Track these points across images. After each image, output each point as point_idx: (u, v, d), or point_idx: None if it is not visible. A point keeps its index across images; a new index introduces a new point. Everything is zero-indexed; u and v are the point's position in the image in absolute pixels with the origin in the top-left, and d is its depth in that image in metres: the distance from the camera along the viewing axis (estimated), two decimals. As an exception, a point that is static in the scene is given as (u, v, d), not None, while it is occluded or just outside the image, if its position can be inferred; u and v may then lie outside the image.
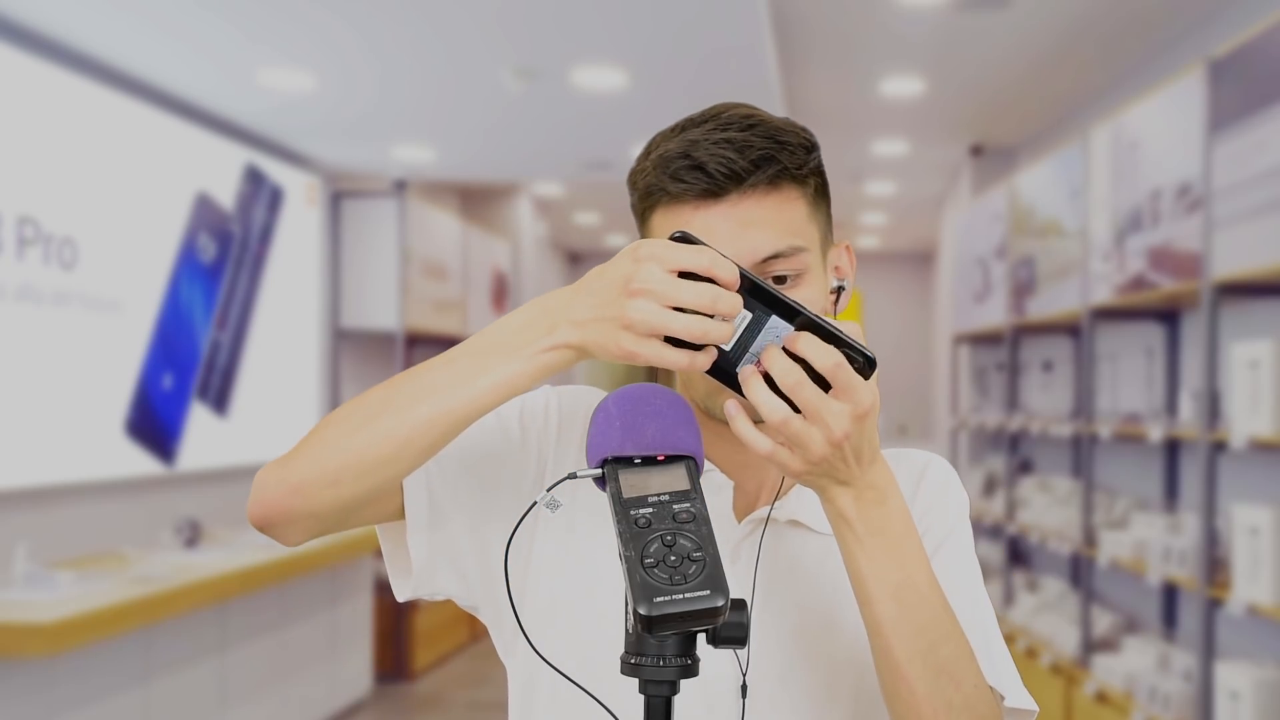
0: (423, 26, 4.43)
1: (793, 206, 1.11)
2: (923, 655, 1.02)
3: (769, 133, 1.10)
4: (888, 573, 1.01)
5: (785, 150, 1.10)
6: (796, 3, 4.84)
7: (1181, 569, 4.23)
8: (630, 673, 0.90)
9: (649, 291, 0.92)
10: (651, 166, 1.11)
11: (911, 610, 1.02)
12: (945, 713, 1.02)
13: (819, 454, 0.95)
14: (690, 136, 1.10)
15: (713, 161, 1.07)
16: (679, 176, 1.08)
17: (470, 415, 1.01)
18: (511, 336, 0.99)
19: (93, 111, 4.74)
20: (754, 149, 1.08)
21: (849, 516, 1.00)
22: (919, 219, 10.08)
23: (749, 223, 1.08)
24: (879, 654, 1.03)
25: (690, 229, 1.05)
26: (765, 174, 1.08)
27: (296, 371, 6.50)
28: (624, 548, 0.87)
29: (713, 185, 1.07)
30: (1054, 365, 6.46)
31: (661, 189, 1.10)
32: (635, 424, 0.95)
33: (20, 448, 4.32)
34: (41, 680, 3.76)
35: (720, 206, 1.08)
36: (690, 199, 1.08)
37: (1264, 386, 3.67)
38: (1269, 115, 3.67)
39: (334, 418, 1.05)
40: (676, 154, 1.09)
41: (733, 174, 1.07)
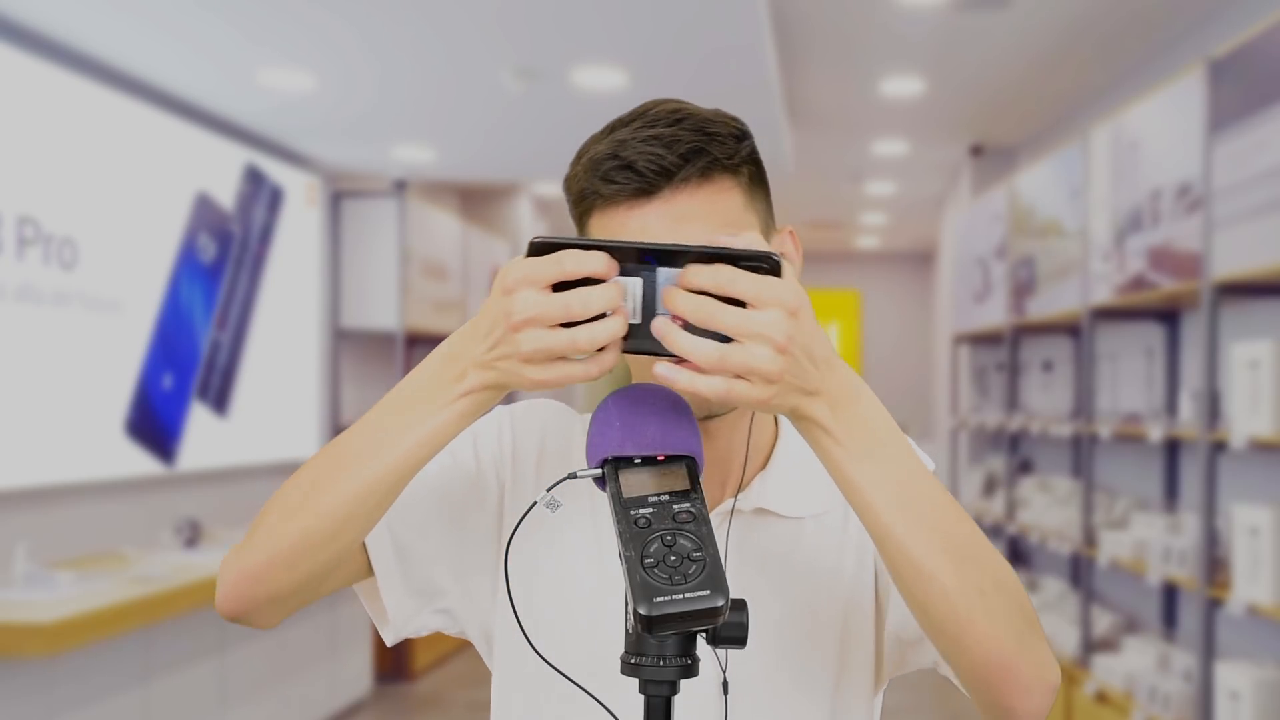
0: (423, 26, 4.43)
1: (727, 197, 1.11)
2: (941, 548, 0.96)
3: (697, 125, 1.09)
4: (883, 473, 0.96)
5: (714, 141, 1.10)
6: (796, 3, 4.84)
7: (1181, 569, 4.23)
8: (630, 673, 0.90)
9: (530, 320, 0.91)
10: (583, 171, 1.11)
11: (917, 505, 0.96)
12: (979, 598, 0.96)
13: (773, 369, 0.89)
14: (618, 137, 1.09)
15: (642, 160, 1.07)
16: (610, 178, 1.08)
17: (405, 474, 1.01)
18: (424, 389, 0.99)
19: (93, 111, 4.74)
20: (682, 143, 1.08)
21: (828, 426, 0.94)
22: (919, 219, 10.08)
23: (684, 217, 1.08)
24: (896, 562, 0.97)
25: (626, 229, 1.07)
26: (696, 167, 1.08)
27: (296, 371, 6.50)
28: (624, 548, 0.87)
29: (644, 183, 1.07)
30: (1054, 365, 6.46)
31: (594, 192, 1.09)
32: (635, 424, 0.95)
33: (20, 448, 4.32)
34: (41, 680, 3.76)
35: (654, 204, 1.08)
36: (623, 199, 1.08)
37: (1264, 386, 3.67)
38: (1269, 115, 3.67)
39: (277, 498, 1.05)
40: (606, 155, 1.09)
41: (663, 170, 1.07)
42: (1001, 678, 0.97)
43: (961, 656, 0.98)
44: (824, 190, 8.96)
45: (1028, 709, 0.99)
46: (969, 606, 0.96)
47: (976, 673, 0.98)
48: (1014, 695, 0.98)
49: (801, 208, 9.75)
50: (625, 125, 1.11)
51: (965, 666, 0.99)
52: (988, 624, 0.96)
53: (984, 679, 0.98)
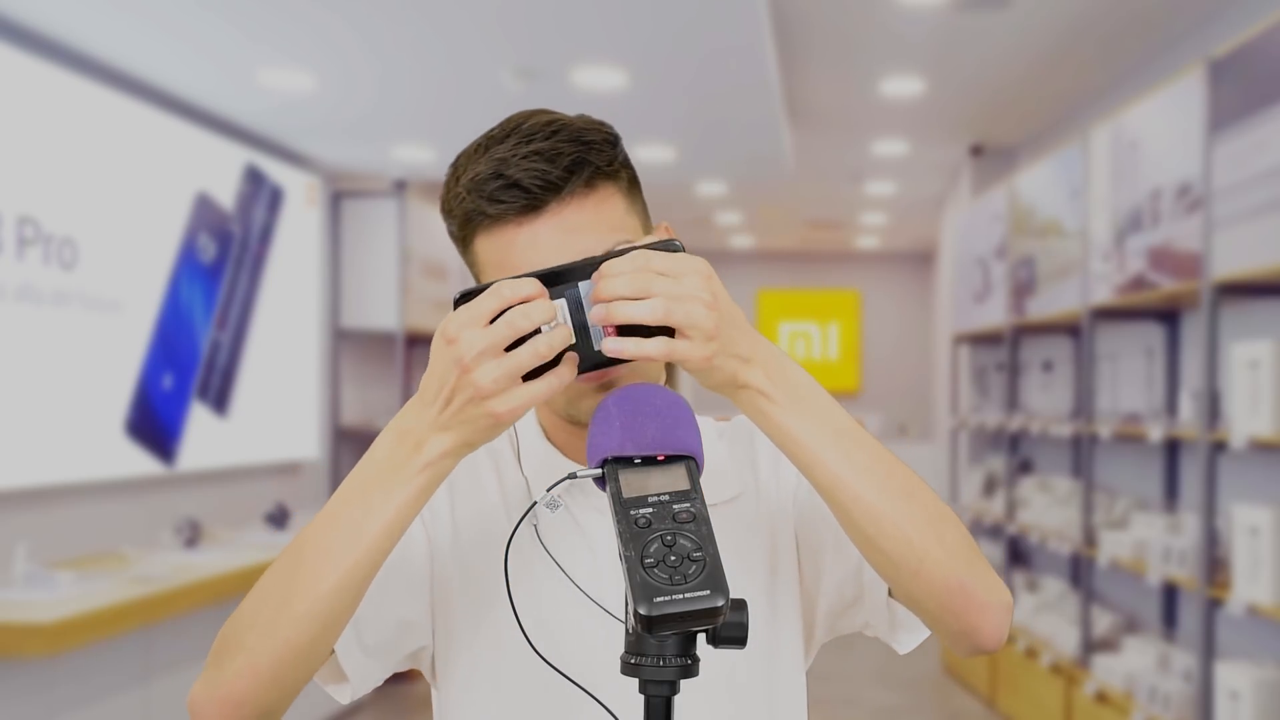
0: (423, 26, 4.43)
1: (611, 204, 1.12)
2: (888, 487, 1.02)
3: (573, 136, 1.10)
4: (822, 427, 1.01)
5: (593, 150, 1.10)
6: (796, 3, 4.84)
7: (1181, 569, 4.23)
8: (630, 673, 0.90)
9: (480, 353, 0.93)
10: (465, 191, 1.11)
11: (858, 452, 1.02)
12: (930, 529, 1.02)
13: (709, 324, 0.94)
14: (498, 155, 1.10)
15: (527, 177, 1.08)
16: (496, 197, 1.09)
17: (376, 561, 1.00)
18: (382, 470, 0.99)
19: (93, 111, 4.74)
20: (564, 156, 1.08)
21: (766, 389, 0.99)
22: (919, 219, 10.08)
23: (574, 229, 1.09)
24: (849, 508, 1.01)
25: (515, 245, 1.08)
26: (580, 178, 1.09)
27: (296, 371, 6.50)
28: (624, 548, 0.87)
29: (531, 200, 1.08)
30: (1054, 365, 6.46)
31: (480, 212, 1.10)
32: (635, 424, 0.95)
33: (20, 448, 4.32)
34: (41, 680, 3.76)
35: (542, 219, 1.09)
36: (511, 217, 1.09)
37: (1264, 386, 3.67)
38: (1269, 115, 3.67)
39: (245, 617, 1.03)
40: (489, 175, 1.09)
41: (549, 185, 1.08)
42: (963, 601, 1.04)
43: (922, 586, 1.03)
44: (824, 190, 8.96)
45: (989, 625, 1.06)
46: (923, 538, 1.01)
47: (939, 600, 1.04)
48: (975, 614, 1.05)
49: (801, 208, 9.76)
50: (500, 142, 1.11)
51: (927, 596, 1.04)
52: (942, 551, 1.02)
53: (946, 605, 1.04)
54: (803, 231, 11.07)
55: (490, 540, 1.15)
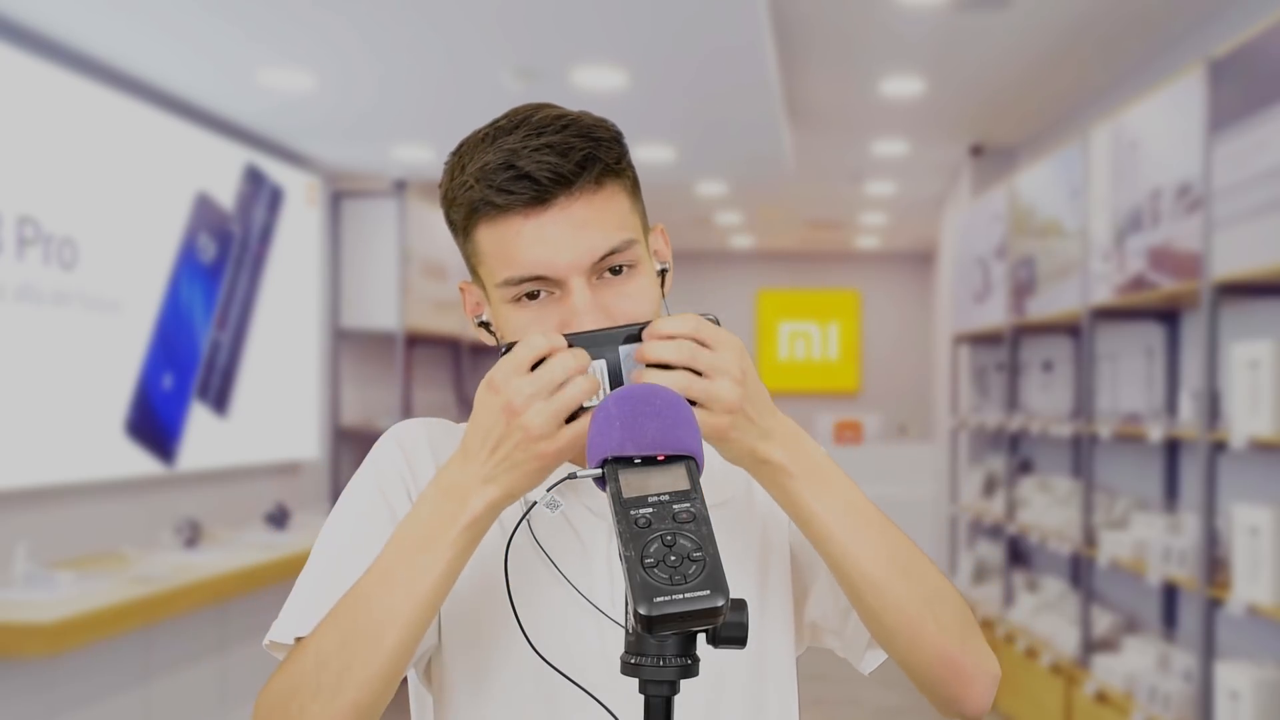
0: (423, 26, 4.43)
1: (617, 201, 1.13)
2: (892, 564, 1.07)
3: (584, 131, 1.11)
4: (835, 503, 1.06)
5: (602, 147, 1.11)
6: (796, 3, 4.84)
7: (1181, 569, 4.23)
8: (630, 673, 0.90)
9: (529, 396, 0.97)
10: (473, 180, 1.11)
11: (867, 528, 1.07)
12: (926, 607, 1.08)
13: (733, 398, 1.00)
14: (508, 145, 1.10)
15: (539, 169, 1.08)
16: (506, 188, 1.09)
17: (429, 617, 1.03)
18: (428, 530, 1.01)
19: (93, 111, 4.74)
20: (576, 150, 1.09)
21: (785, 464, 1.04)
22: (919, 219, 10.07)
23: (581, 224, 1.09)
24: (854, 580, 1.07)
25: (520, 237, 1.09)
26: (591, 174, 1.10)
27: (296, 371, 6.50)
28: (624, 548, 0.87)
29: (541, 193, 1.08)
30: (1054, 365, 6.46)
31: (487, 202, 1.10)
32: (635, 424, 0.95)
33: (20, 448, 4.32)
34: (41, 680, 3.76)
35: (550, 212, 1.09)
36: (518, 208, 1.09)
37: (1264, 386, 3.67)
38: (1269, 115, 3.67)
39: (303, 687, 1.03)
40: (499, 165, 1.09)
41: (560, 178, 1.08)
42: (951, 673, 1.10)
43: (915, 657, 1.10)
44: (824, 190, 8.96)
45: (974, 696, 1.12)
46: (920, 615, 1.08)
47: (929, 671, 1.11)
48: (962, 686, 1.12)
49: (801, 208, 9.75)
50: (509, 133, 1.11)
51: (918, 665, 1.11)
52: (936, 627, 1.09)
53: (936, 676, 1.11)
54: (803, 231, 11.07)
55: (489, 542, 1.15)
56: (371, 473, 1.19)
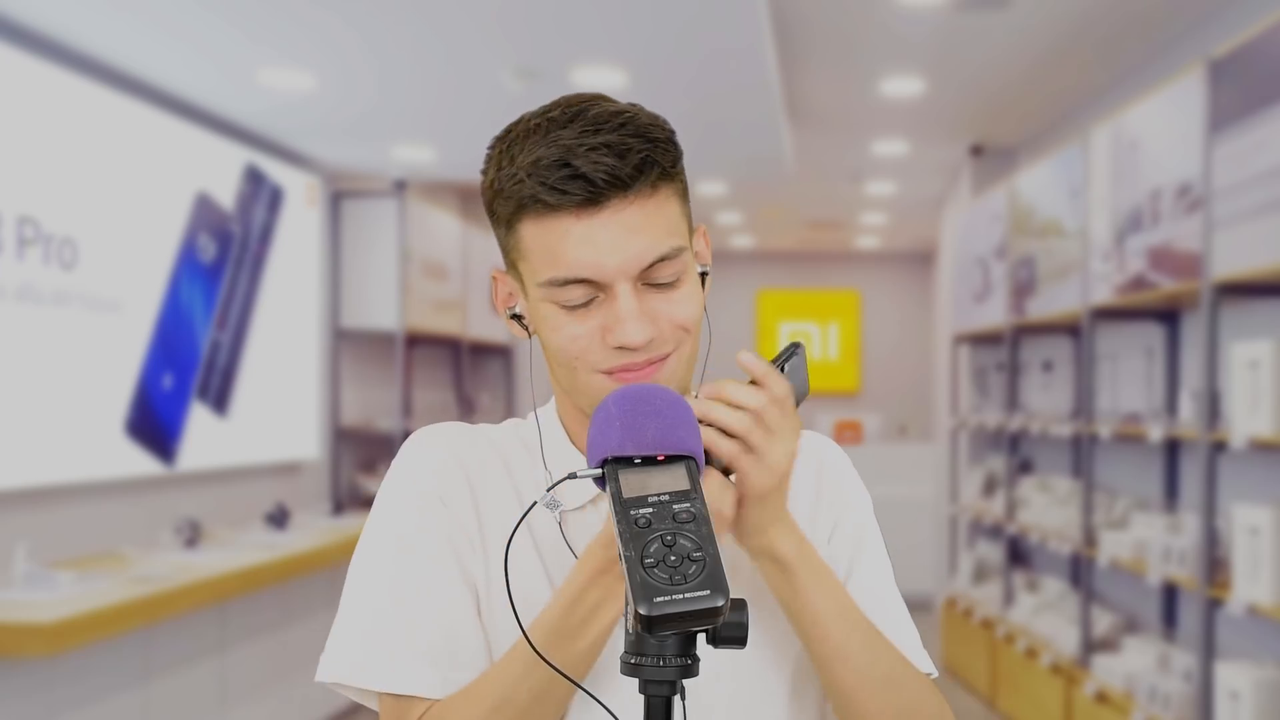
0: (423, 26, 4.43)
1: (670, 206, 1.09)
2: (871, 671, 1.09)
3: (640, 131, 1.07)
4: (830, 604, 1.07)
5: (659, 149, 1.07)
6: (796, 3, 4.84)
7: (1181, 569, 4.23)
8: (630, 673, 0.90)
9: None
10: (525, 174, 1.06)
11: (854, 633, 1.08)
12: (902, 716, 1.10)
13: (780, 466, 1.01)
14: (563, 140, 1.05)
15: (596, 170, 1.04)
16: (559, 187, 1.04)
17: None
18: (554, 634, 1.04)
19: (93, 111, 4.74)
20: (634, 152, 1.05)
21: (793, 559, 1.05)
22: (919, 219, 10.07)
23: (633, 229, 1.06)
24: (836, 682, 1.08)
25: (569, 238, 1.05)
26: (648, 179, 1.06)
27: (296, 371, 6.50)
28: (624, 548, 0.86)
29: (595, 194, 1.04)
30: (1054, 365, 6.46)
31: (537, 199, 1.06)
32: (635, 424, 0.95)
33: (20, 448, 4.32)
34: (41, 680, 3.76)
35: (602, 214, 1.05)
36: (570, 208, 1.05)
37: (1264, 386, 3.67)
38: (1269, 115, 3.67)
39: None
40: (554, 161, 1.05)
41: (617, 181, 1.04)
42: None
43: None
44: (824, 190, 8.96)
45: None
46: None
47: None
48: None
49: (801, 208, 9.75)
50: (563, 127, 1.07)
51: None
52: None
53: None
54: (803, 231, 11.06)
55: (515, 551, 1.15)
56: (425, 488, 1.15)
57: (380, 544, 1.15)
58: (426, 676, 1.08)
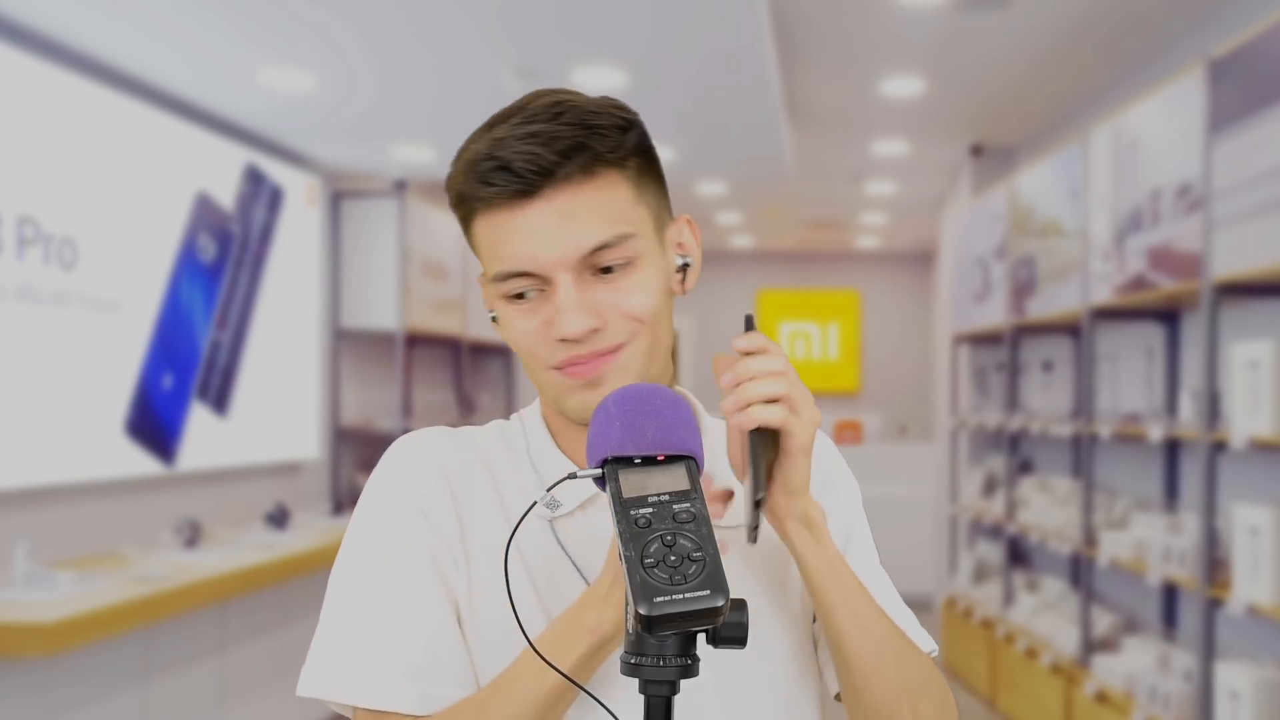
0: (423, 26, 4.43)
1: (614, 193, 1.07)
2: (888, 644, 1.07)
3: (578, 119, 1.05)
4: (848, 580, 1.06)
5: (596, 135, 1.05)
6: (796, 3, 4.84)
7: (1181, 569, 4.23)
8: (630, 673, 0.90)
9: None
10: (460, 172, 1.08)
11: (871, 604, 1.07)
12: (907, 694, 1.07)
13: (816, 416, 1.03)
14: (496, 134, 1.06)
15: (519, 160, 1.03)
16: (488, 180, 1.05)
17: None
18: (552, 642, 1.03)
19: (93, 111, 4.74)
20: (562, 139, 1.03)
21: (819, 520, 1.05)
22: (919, 219, 10.07)
23: (568, 216, 1.04)
24: (853, 655, 1.06)
25: (507, 230, 1.05)
26: (576, 164, 1.04)
27: (296, 371, 6.50)
28: (624, 548, 0.86)
29: (524, 184, 1.04)
30: (1054, 365, 6.46)
31: (472, 194, 1.07)
32: (635, 423, 0.95)
33: (20, 448, 4.32)
34: (41, 680, 3.76)
35: (536, 204, 1.04)
36: (504, 201, 1.05)
37: (1264, 386, 3.67)
38: (1269, 115, 3.67)
39: None
40: (483, 155, 1.05)
41: (542, 170, 1.03)
42: None
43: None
44: (824, 190, 8.96)
45: None
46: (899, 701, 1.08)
47: None
48: None
49: (801, 208, 9.75)
50: (504, 121, 1.07)
51: None
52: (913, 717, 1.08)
53: None
54: (803, 231, 11.06)
55: (496, 547, 1.13)
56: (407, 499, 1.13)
57: (360, 556, 1.12)
58: (404, 691, 1.06)
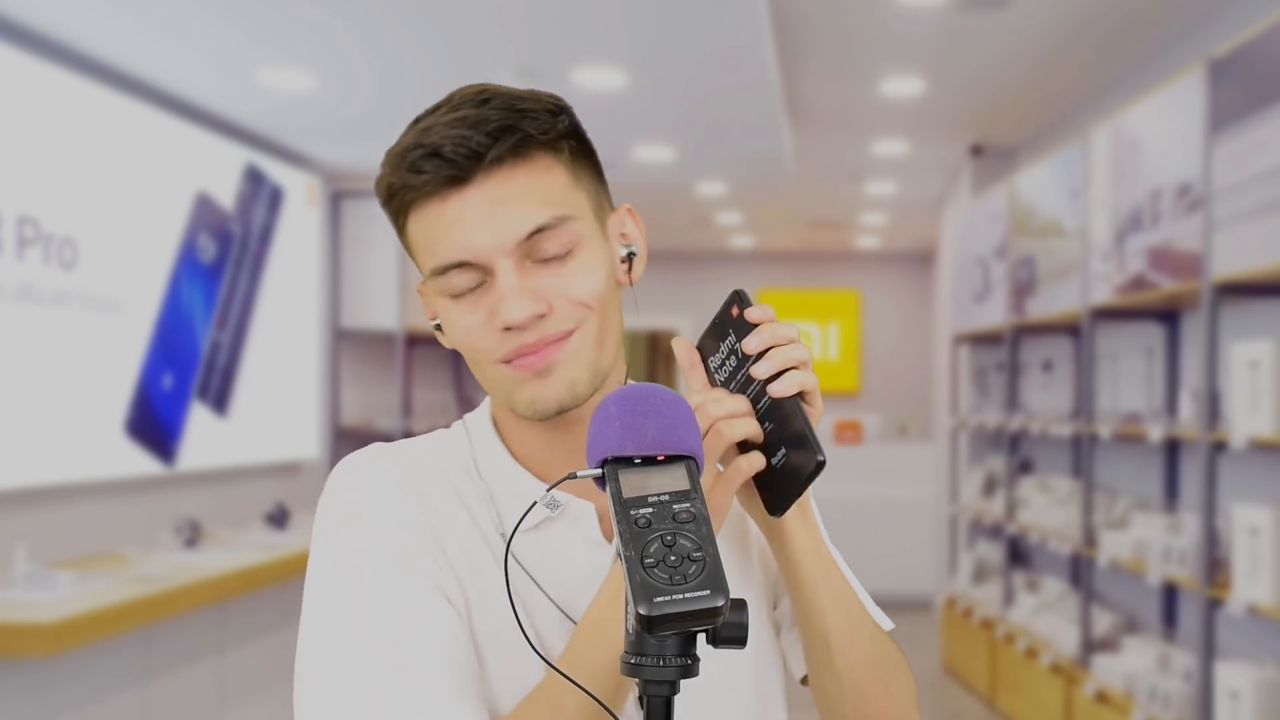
0: (423, 26, 4.43)
1: (549, 176, 1.04)
2: (864, 623, 1.08)
3: (506, 103, 1.03)
4: (827, 562, 1.07)
5: (526, 118, 1.03)
6: (796, 3, 4.84)
7: (1181, 569, 4.23)
8: (630, 673, 0.90)
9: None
10: (390, 167, 1.04)
11: (844, 588, 1.08)
12: (883, 671, 1.08)
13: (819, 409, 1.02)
14: (423, 125, 1.04)
15: (448, 144, 1.00)
16: (418, 168, 1.01)
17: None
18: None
19: (93, 111, 4.74)
20: (490, 122, 1.01)
21: (815, 522, 1.06)
22: (919, 219, 10.07)
23: (502, 200, 1.01)
24: (825, 637, 1.06)
25: (441, 221, 1.02)
26: (507, 145, 1.01)
27: (296, 371, 6.50)
28: (624, 548, 0.86)
29: (455, 170, 1.00)
30: (1054, 365, 6.46)
31: (405, 186, 1.03)
32: (635, 423, 0.94)
33: (20, 448, 4.32)
34: (41, 680, 3.76)
35: (469, 191, 1.01)
36: (435, 189, 1.02)
37: (1264, 386, 3.67)
38: (1269, 115, 3.67)
39: None
40: (410, 145, 1.03)
41: (472, 152, 1.00)
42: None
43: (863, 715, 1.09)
44: (824, 190, 8.96)
45: None
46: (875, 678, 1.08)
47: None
48: None
49: (801, 208, 9.75)
50: (431, 113, 1.05)
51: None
52: (886, 697, 1.08)
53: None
54: (803, 231, 11.06)
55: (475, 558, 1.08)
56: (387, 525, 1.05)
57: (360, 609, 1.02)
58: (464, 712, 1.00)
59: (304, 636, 1.04)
